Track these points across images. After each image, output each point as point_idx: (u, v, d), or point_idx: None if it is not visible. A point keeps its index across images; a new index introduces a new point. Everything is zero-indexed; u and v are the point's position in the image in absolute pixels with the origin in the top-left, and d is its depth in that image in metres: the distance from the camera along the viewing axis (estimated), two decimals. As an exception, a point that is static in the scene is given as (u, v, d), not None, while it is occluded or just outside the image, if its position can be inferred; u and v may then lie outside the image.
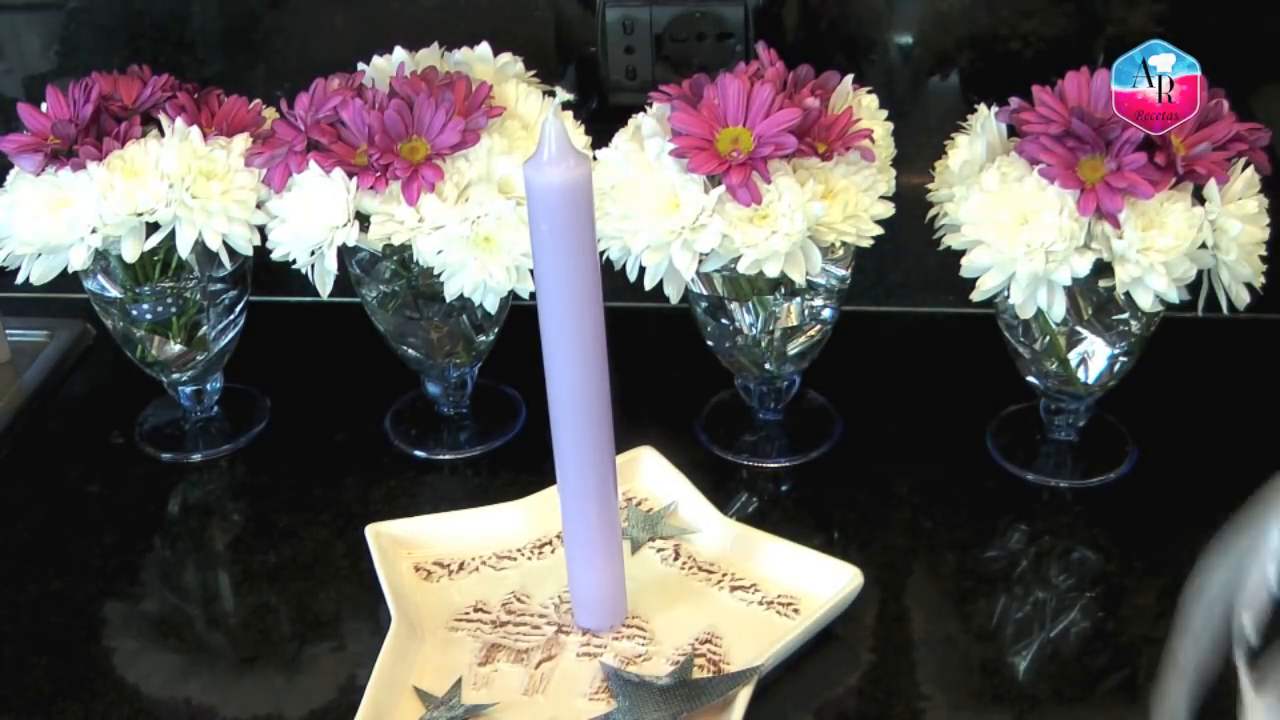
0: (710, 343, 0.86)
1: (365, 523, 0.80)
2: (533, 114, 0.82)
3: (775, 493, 0.86)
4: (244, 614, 0.79)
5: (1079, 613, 0.75)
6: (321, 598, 0.79)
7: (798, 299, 0.81)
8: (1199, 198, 0.72)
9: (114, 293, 0.85)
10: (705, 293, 0.82)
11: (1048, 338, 0.80)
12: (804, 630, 0.71)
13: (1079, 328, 0.79)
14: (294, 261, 0.79)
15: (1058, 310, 0.74)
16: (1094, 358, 0.80)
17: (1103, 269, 0.72)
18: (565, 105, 0.85)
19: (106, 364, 1.03)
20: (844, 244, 0.76)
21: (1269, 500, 0.54)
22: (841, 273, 0.81)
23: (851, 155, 0.75)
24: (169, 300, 0.86)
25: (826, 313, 0.83)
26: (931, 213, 0.80)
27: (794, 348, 0.84)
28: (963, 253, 0.75)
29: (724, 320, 0.83)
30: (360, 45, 0.88)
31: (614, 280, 0.72)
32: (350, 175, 0.77)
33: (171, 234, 0.80)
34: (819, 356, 0.86)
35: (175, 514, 0.87)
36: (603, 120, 0.85)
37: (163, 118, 0.82)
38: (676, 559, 0.78)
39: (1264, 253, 0.74)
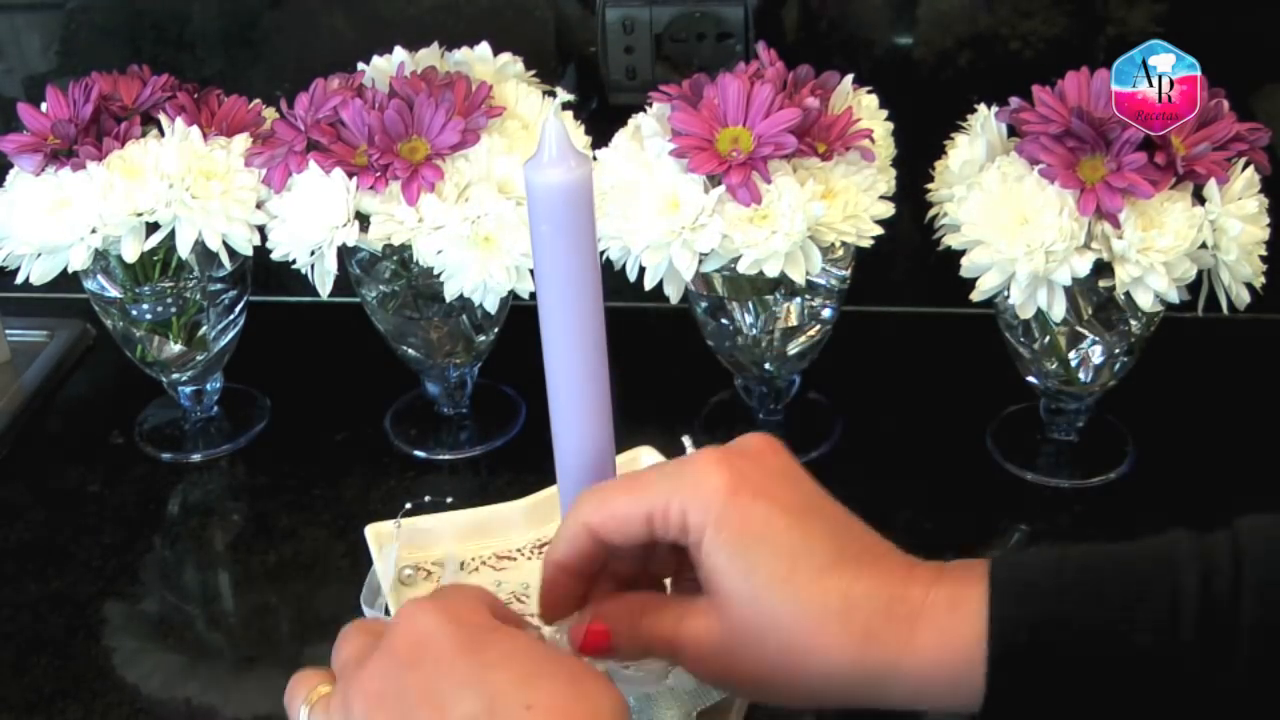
0: (710, 343, 0.86)
1: (365, 523, 0.79)
2: (533, 114, 0.82)
3: (775, 493, 0.85)
4: (244, 614, 0.79)
5: (1079, 613, 0.74)
6: (321, 598, 0.79)
7: (798, 299, 0.81)
8: (1199, 198, 0.72)
9: (114, 293, 0.85)
10: (705, 293, 0.82)
11: (1048, 338, 0.80)
12: (804, 630, 0.71)
13: (1079, 328, 0.79)
14: (294, 261, 0.79)
15: (1058, 310, 0.74)
16: (1094, 358, 0.80)
17: (1103, 269, 0.72)
18: (565, 105, 0.85)
19: (106, 364, 1.03)
20: (844, 244, 0.76)
21: None
22: (841, 273, 0.81)
23: (851, 155, 0.75)
24: (169, 300, 0.86)
25: (826, 313, 0.83)
26: (931, 213, 0.80)
27: (794, 348, 0.84)
28: (963, 253, 0.75)
29: (724, 320, 0.83)
30: (360, 45, 0.88)
31: (614, 280, 0.72)
32: (350, 175, 0.77)
33: (171, 234, 0.80)
34: (819, 356, 0.86)
35: (175, 514, 0.87)
36: (603, 120, 0.85)
37: (163, 118, 0.82)
38: (676, 559, 0.78)
39: (1264, 253, 0.74)
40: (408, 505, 0.77)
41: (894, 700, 0.53)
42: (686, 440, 0.73)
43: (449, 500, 0.80)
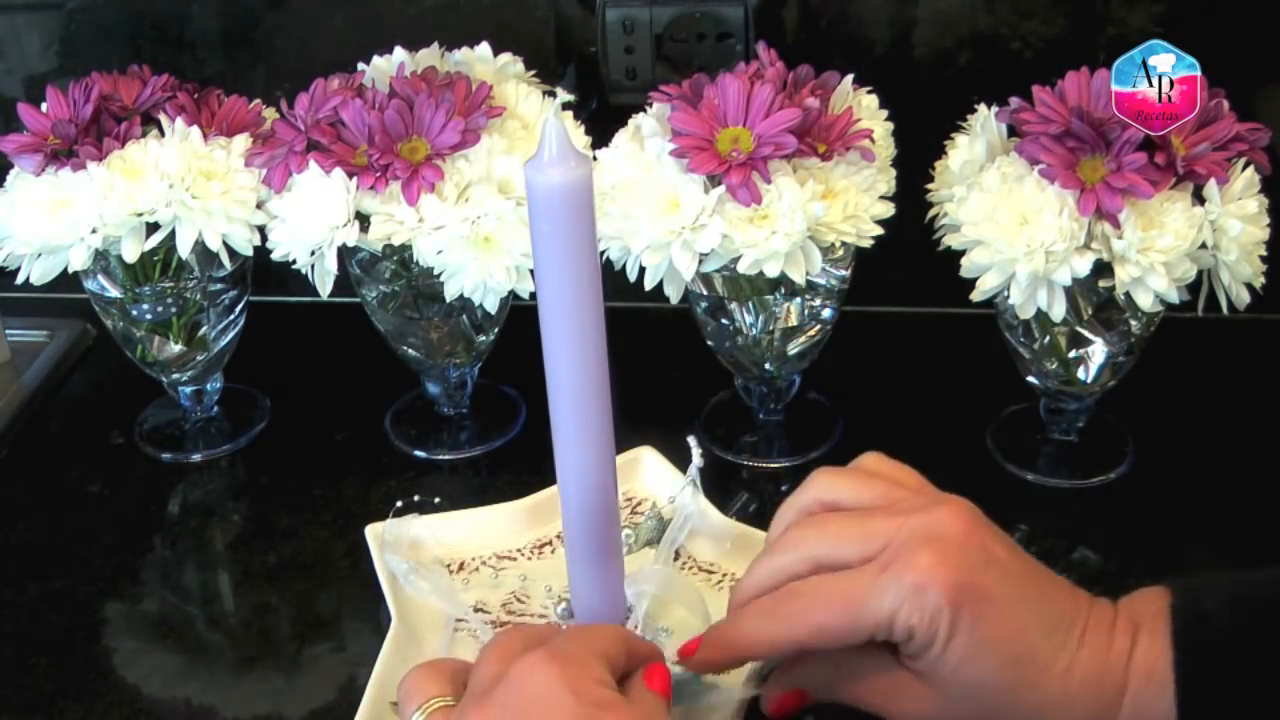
0: (710, 343, 0.86)
1: (365, 523, 0.80)
2: (533, 114, 0.82)
3: (775, 493, 0.85)
4: (244, 614, 0.79)
5: (1079, 613, 0.74)
6: (321, 598, 0.79)
7: (798, 299, 0.81)
8: (1199, 198, 0.72)
9: (114, 293, 0.85)
10: (705, 293, 0.82)
11: (1048, 338, 0.80)
12: (804, 630, 0.71)
13: (1079, 328, 0.79)
14: (294, 261, 0.79)
15: (1058, 310, 0.74)
16: (1094, 358, 0.80)
17: (1103, 269, 0.72)
18: (565, 105, 0.85)
19: (106, 364, 1.03)
20: (844, 244, 0.76)
21: None
22: (841, 273, 0.81)
23: (851, 155, 0.75)
24: (169, 300, 0.86)
25: (826, 313, 0.83)
26: (931, 213, 0.80)
27: (794, 348, 0.84)
28: (963, 253, 0.75)
29: (724, 320, 0.83)
30: (360, 45, 0.88)
31: (614, 280, 0.72)
32: (350, 175, 0.77)
33: (171, 234, 0.80)
34: (819, 356, 0.86)
35: (175, 514, 0.87)
36: (603, 120, 0.86)
37: (163, 118, 0.82)
38: (676, 559, 0.78)
39: (1264, 253, 0.74)
40: (399, 503, 0.78)
41: None
42: (692, 441, 0.73)
43: (436, 500, 0.80)
